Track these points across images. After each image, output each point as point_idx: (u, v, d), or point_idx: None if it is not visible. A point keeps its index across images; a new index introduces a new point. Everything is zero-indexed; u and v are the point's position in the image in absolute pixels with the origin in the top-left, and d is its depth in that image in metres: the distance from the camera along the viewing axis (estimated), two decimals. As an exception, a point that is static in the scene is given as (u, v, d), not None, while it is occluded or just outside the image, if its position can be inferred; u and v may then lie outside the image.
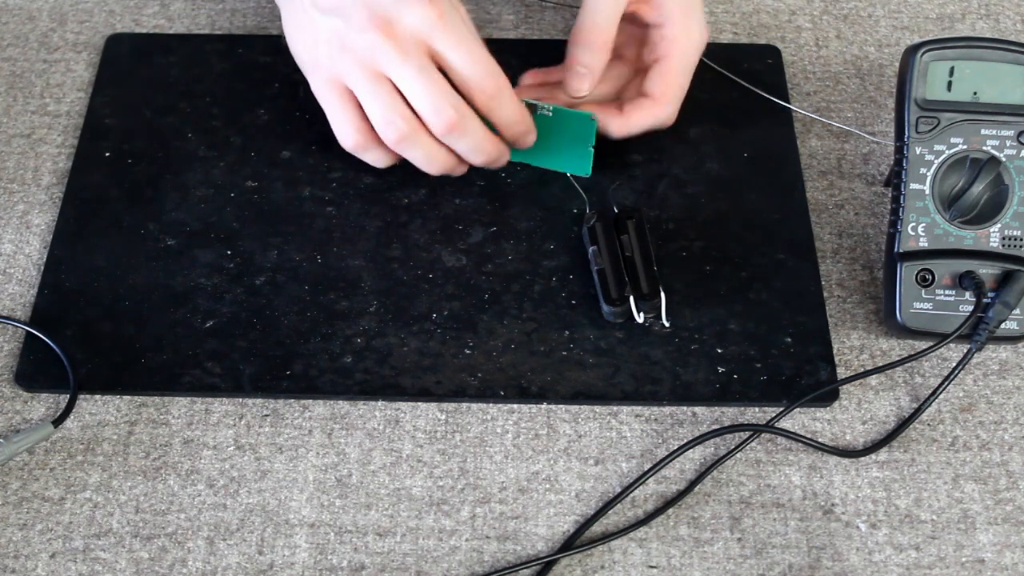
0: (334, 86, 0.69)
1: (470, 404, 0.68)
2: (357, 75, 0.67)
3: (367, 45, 0.66)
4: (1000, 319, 0.67)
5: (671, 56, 0.73)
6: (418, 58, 0.66)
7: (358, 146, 0.71)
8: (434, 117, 0.67)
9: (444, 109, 0.67)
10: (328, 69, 0.68)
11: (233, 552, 0.62)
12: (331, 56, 0.68)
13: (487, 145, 0.70)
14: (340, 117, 0.70)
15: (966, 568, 0.62)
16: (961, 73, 0.69)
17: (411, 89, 0.67)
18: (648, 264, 0.70)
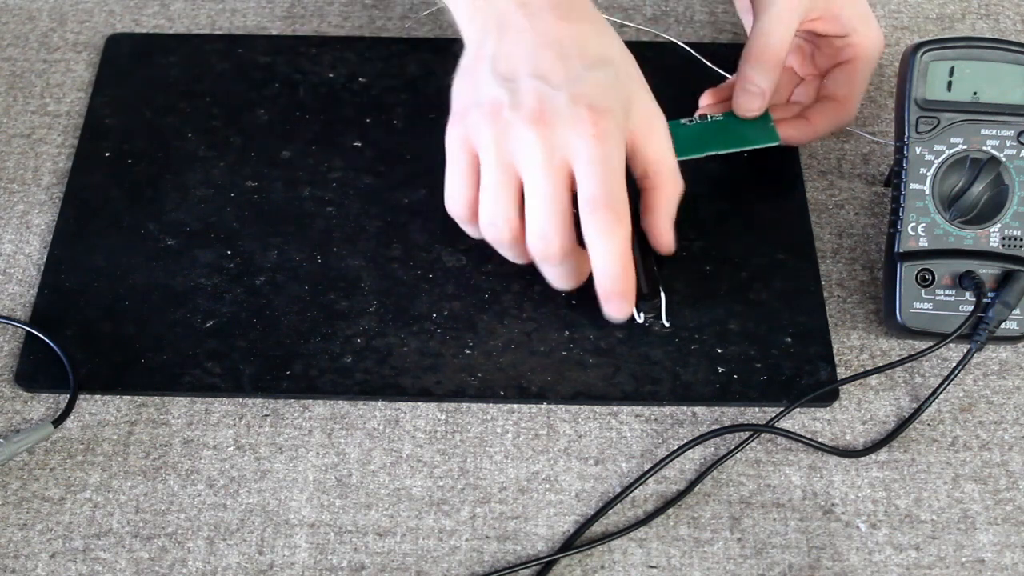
0: (466, 149, 0.65)
1: (470, 404, 0.68)
2: (492, 155, 0.64)
3: (520, 137, 0.63)
4: (1000, 319, 0.67)
5: (858, 59, 0.74)
6: (556, 174, 0.63)
7: (460, 219, 0.67)
8: (538, 240, 0.63)
9: (551, 239, 0.63)
10: (471, 121, 0.65)
11: (233, 552, 0.62)
12: (480, 116, 0.64)
13: (573, 280, 0.66)
14: (458, 182, 0.66)
15: (966, 568, 0.62)
16: (961, 73, 0.69)
17: (532, 197, 0.63)
18: (648, 264, 0.70)
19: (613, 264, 0.63)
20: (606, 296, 0.64)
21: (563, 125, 0.62)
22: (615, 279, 0.64)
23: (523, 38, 0.65)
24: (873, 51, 0.74)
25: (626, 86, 0.65)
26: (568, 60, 0.64)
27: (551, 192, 0.63)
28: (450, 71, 0.81)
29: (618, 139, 0.63)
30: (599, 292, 0.64)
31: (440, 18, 0.86)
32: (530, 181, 0.63)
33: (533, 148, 0.62)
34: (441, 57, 0.82)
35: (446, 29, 0.85)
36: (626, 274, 0.64)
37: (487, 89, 0.64)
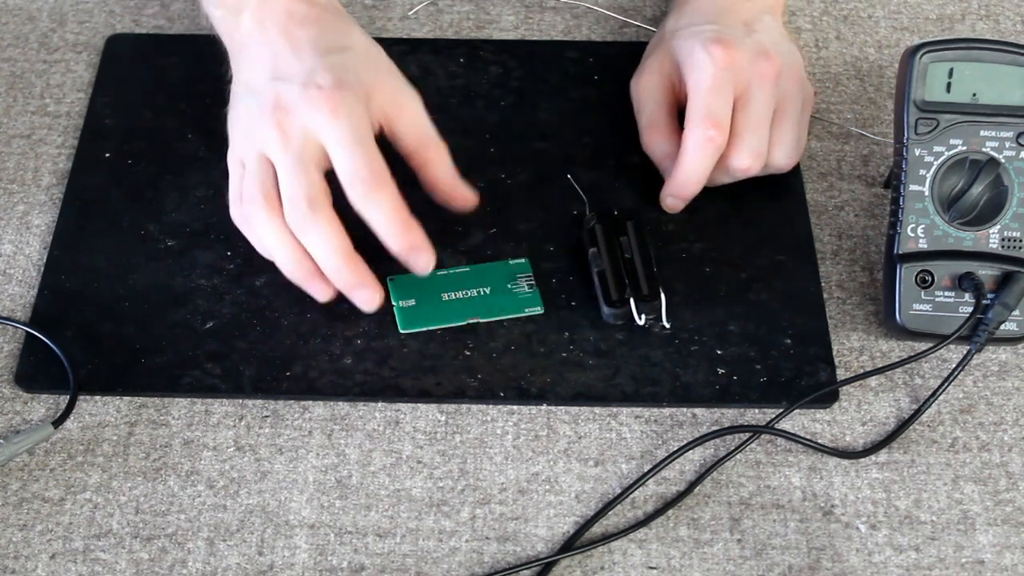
0: (238, 161, 0.69)
1: (470, 405, 0.68)
2: (251, 155, 0.68)
3: (264, 133, 0.67)
4: (1000, 320, 0.67)
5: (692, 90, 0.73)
6: (299, 151, 0.66)
7: (236, 219, 0.70)
8: (289, 206, 0.66)
9: (298, 199, 0.66)
10: (238, 145, 0.70)
11: (233, 553, 0.62)
12: (240, 134, 0.69)
13: (335, 241, 0.66)
14: (233, 189, 0.70)
15: (966, 569, 0.62)
16: (960, 74, 0.69)
17: (281, 177, 0.67)
18: (648, 265, 0.70)
19: (392, 224, 0.66)
20: (404, 255, 0.67)
21: (298, 110, 0.66)
22: (400, 236, 0.67)
23: (262, 51, 0.70)
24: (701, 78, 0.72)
25: (366, 68, 0.69)
26: (301, 55, 0.68)
27: (293, 159, 0.66)
28: (450, 71, 0.82)
29: (359, 114, 0.66)
30: (397, 256, 0.67)
31: (440, 18, 0.86)
32: (279, 164, 0.67)
33: (274, 136, 0.66)
34: (441, 57, 0.82)
35: (446, 29, 0.85)
36: (408, 227, 0.66)
37: (241, 107, 0.70)
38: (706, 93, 0.70)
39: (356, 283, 0.67)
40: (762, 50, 0.72)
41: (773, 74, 0.71)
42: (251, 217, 0.68)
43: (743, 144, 0.71)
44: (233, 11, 0.72)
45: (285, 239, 0.67)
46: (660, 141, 0.74)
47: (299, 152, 0.66)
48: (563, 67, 0.82)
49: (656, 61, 0.76)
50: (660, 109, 0.75)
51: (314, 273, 0.68)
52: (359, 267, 0.67)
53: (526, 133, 0.78)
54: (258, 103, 0.68)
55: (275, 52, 0.69)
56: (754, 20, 0.74)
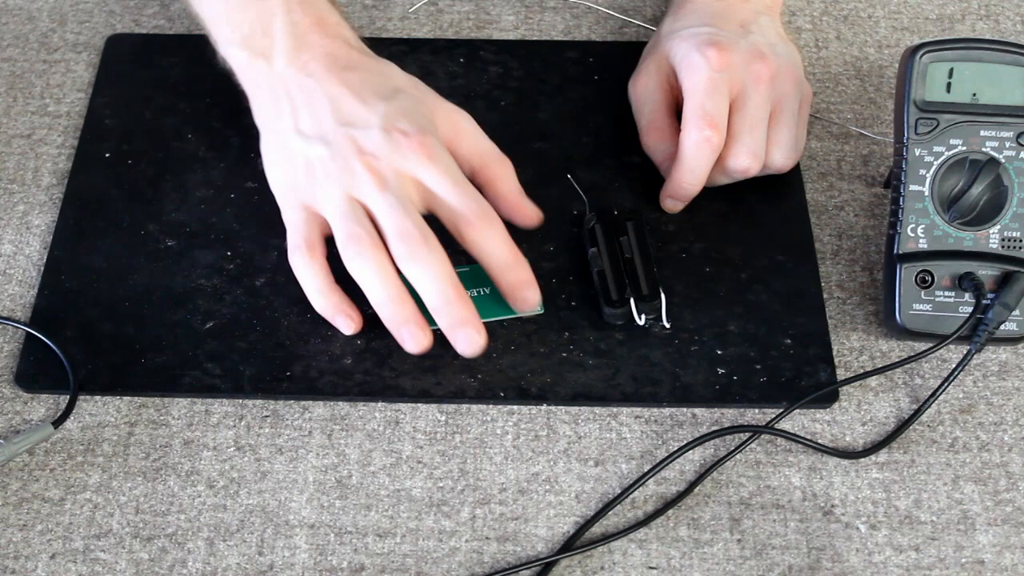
0: (303, 209, 0.68)
1: (470, 405, 0.68)
2: (333, 198, 0.66)
3: (351, 176, 0.66)
4: (999, 320, 0.67)
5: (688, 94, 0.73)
6: (397, 190, 0.65)
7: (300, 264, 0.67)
8: (399, 241, 0.64)
9: (411, 234, 0.64)
10: (303, 192, 0.67)
11: (233, 553, 0.62)
12: (309, 179, 0.67)
13: (444, 279, 0.65)
14: (297, 234, 0.67)
15: (966, 569, 0.62)
16: (960, 74, 0.69)
17: (383, 214, 0.65)
18: (648, 265, 0.70)
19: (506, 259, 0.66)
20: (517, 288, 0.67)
21: (389, 157, 0.66)
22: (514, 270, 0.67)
23: (315, 97, 0.68)
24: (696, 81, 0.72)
25: (424, 103, 0.69)
26: (364, 98, 0.68)
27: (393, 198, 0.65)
28: (450, 71, 0.82)
29: (444, 151, 0.67)
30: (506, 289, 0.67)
31: (440, 18, 0.86)
32: (377, 204, 0.65)
33: (367, 178, 0.65)
34: (441, 57, 0.82)
35: (446, 30, 0.85)
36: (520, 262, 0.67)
37: (303, 154, 0.67)
38: (702, 95, 0.71)
39: (464, 319, 0.66)
40: (757, 52, 0.72)
41: (768, 75, 0.71)
42: (358, 256, 0.65)
43: (740, 145, 0.71)
44: (262, 55, 0.70)
45: (392, 278, 0.65)
46: (659, 142, 0.74)
47: (399, 192, 0.65)
48: (563, 67, 0.82)
49: (653, 63, 0.76)
50: (658, 110, 0.75)
51: (415, 317, 0.66)
52: (468, 303, 0.66)
53: (526, 133, 0.78)
54: (332, 149, 0.66)
55: (333, 98, 0.68)
56: (750, 22, 0.75)
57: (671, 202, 0.73)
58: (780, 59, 0.73)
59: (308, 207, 0.67)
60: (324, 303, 0.68)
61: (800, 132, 0.74)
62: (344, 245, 0.65)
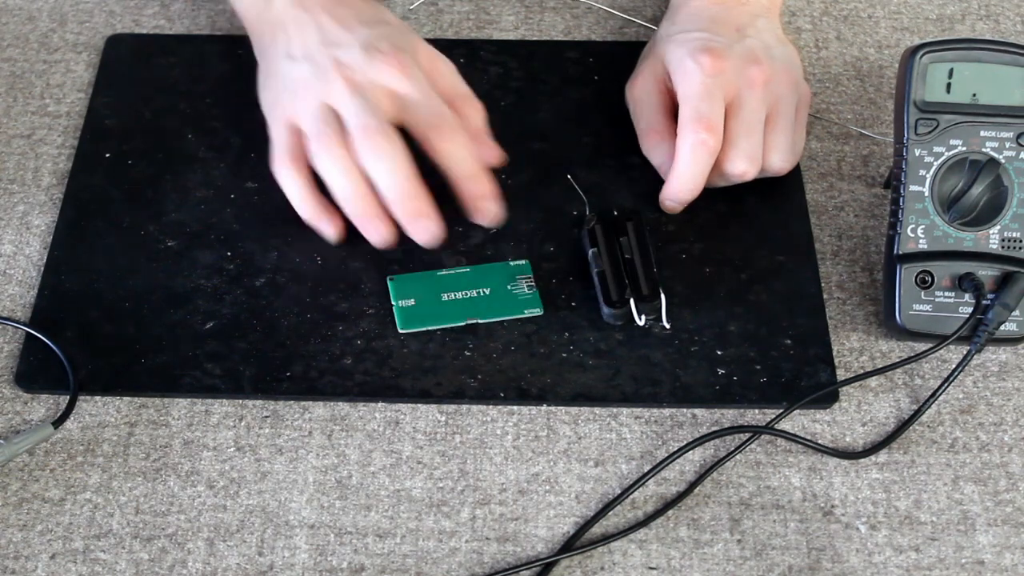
0: (287, 122, 0.71)
1: (470, 406, 0.68)
2: (310, 108, 0.70)
3: (328, 87, 0.70)
4: (999, 321, 0.67)
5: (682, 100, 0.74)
6: (369, 98, 0.69)
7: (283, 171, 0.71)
8: (360, 135, 0.68)
9: (371, 128, 0.68)
10: (286, 107, 0.71)
11: (233, 553, 0.62)
12: (293, 96, 0.71)
13: (401, 171, 0.68)
14: (279, 144, 0.71)
15: (966, 569, 0.62)
16: (960, 75, 0.69)
17: (350, 114, 0.69)
18: (648, 266, 0.70)
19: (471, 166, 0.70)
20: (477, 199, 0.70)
21: (365, 70, 0.70)
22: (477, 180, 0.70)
23: (305, 27, 0.73)
24: (690, 86, 0.72)
25: (406, 36, 0.73)
26: (349, 26, 0.72)
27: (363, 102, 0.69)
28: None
29: (419, 71, 0.70)
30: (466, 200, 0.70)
31: (440, 18, 0.86)
32: (347, 108, 0.69)
33: (342, 88, 0.69)
34: (441, 58, 0.82)
35: (446, 30, 0.85)
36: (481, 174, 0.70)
37: (289, 74, 0.72)
38: (696, 99, 0.71)
39: (421, 212, 0.69)
40: (752, 56, 0.72)
41: (763, 79, 0.71)
42: (323, 151, 0.69)
43: (737, 149, 0.71)
44: None
45: (353, 173, 0.69)
46: (658, 145, 0.74)
47: (369, 99, 0.69)
48: (563, 67, 0.82)
49: (648, 67, 0.76)
50: (656, 113, 0.75)
51: (376, 210, 0.69)
52: (425, 196, 0.69)
53: (526, 133, 0.78)
54: (314, 66, 0.71)
55: (321, 25, 0.72)
56: (747, 25, 0.75)
57: (671, 203, 0.73)
58: (775, 63, 0.73)
59: (290, 121, 0.71)
60: (307, 209, 0.71)
61: (798, 134, 0.74)
62: (312, 144, 0.69)
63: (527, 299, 0.70)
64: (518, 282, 0.71)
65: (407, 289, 0.70)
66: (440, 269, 0.71)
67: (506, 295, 0.70)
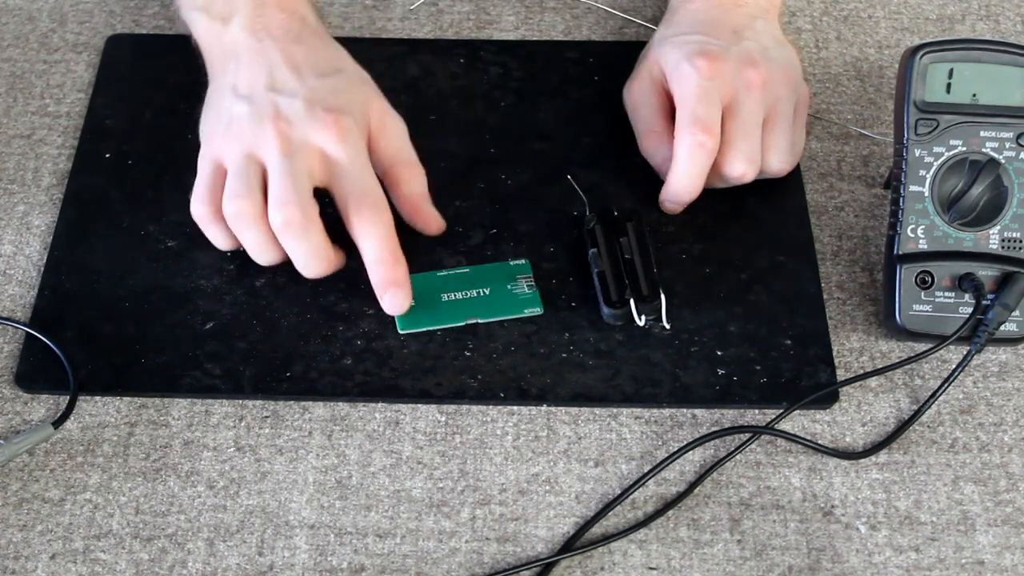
0: (213, 159, 0.69)
1: (470, 406, 0.68)
2: (236, 154, 0.68)
3: (260, 135, 0.68)
4: (999, 321, 0.67)
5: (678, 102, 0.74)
6: (296, 159, 0.67)
7: (201, 216, 0.69)
8: (278, 208, 0.66)
9: (290, 204, 0.66)
10: (217, 144, 0.69)
11: (233, 553, 0.62)
12: (226, 134, 0.69)
13: (320, 259, 0.68)
14: (201, 185, 0.69)
15: (966, 570, 0.62)
16: (960, 75, 0.69)
17: (273, 177, 0.67)
18: (648, 266, 0.70)
19: (383, 251, 0.67)
20: (382, 286, 0.67)
21: (302, 126, 0.68)
22: (387, 266, 0.67)
23: (257, 61, 0.70)
24: (687, 89, 0.72)
25: (359, 90, 0.71)
26: (300, 73, 0.70)
27: (288, 165, 0.66)
28: (450, 72, 0.82)
29: (358, 137, 0.68)
30: (376, 286, 0.68)
31: (440, 18, 0.86)
32: (272, 166, 0.67)
33: (273, 141, 0.67)
34: (441, 58, 0.82)
35: (446, 30, 0.85)
36: (396, 260, 0.67)
37: (229, 109, 0.69)
38: (693, 101, 0.71)
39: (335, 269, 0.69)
40: (749, 58, 0.72)
41: (760, 82, 0.71)
42: (239, 216, 0.67)
43: (735, 152, 0.71)
44: (221, 19, 0.72)
45: (269, 242, 0.68)
46: (656, 147, 0.74)
47: (296, 160, 0.67)
48: (563, 67, 0.82)
49: (646, 69, 0.76)
50: (654, 115, 0.75)
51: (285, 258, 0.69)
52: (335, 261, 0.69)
53: (526, 133, 0.78)
54: (253, 109, 0.69)
55: (272, 65, 0.70)
56: (744, 27, 0.75)
57: (670, 204, 0.73)
58: (773, 64, 0.73)
59: (216, 160, 0.69)
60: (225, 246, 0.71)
61: (797, 136, 0.74)
62: (226, 204, 0.68)
63: (527, 299, 0.70)
64: (518, 282, 0.71)
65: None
66: (440, 269, 0.71)
67: (506, 295, 0.70)
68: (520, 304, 0.70)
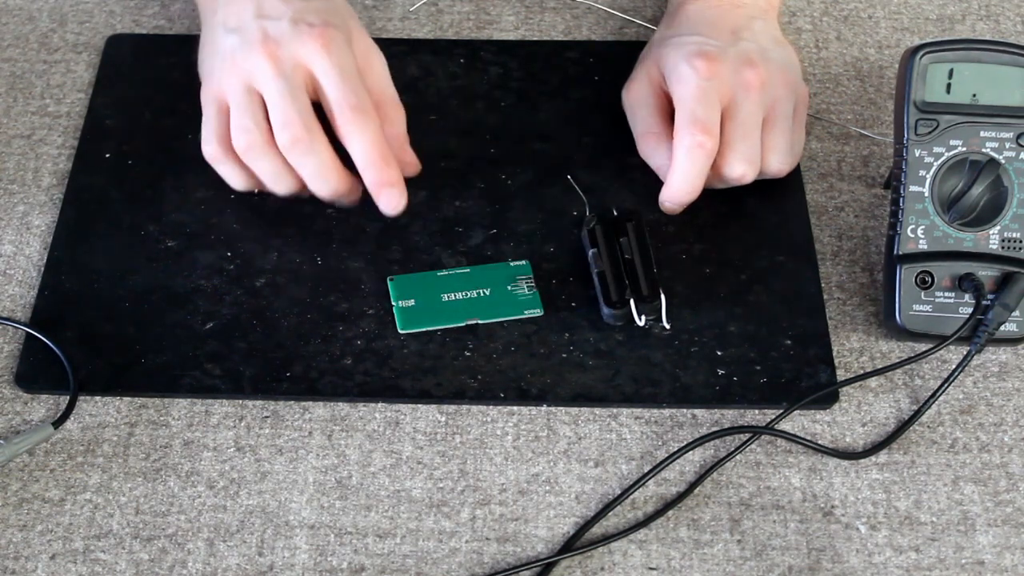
0: (215, 98, 0.71)
1: (470, 406, 0.68)
2: (235, 88, 0.70)
3: (252, 63, 0.69)
4: (999, 321, 0.67)
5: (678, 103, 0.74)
6: (290, 78, 0.69)
7: (213, 156, 0.71)
8: (282, 129, 0.68)
9: (293, 123, 0.68)
10: (215, 81, 0.71)
11: (233, 553, 0.62)
12: (221, 69, 0.70)
13: (331, 173, 0.69)
14: (208, 126, 0.71)
15: (966, 570, 0.62)
16: (960, 75, 0.69)
17: (271, 101, 0.69)
18: (648, 266, 0.70)
19: (372, 153, 0.68)
20: (376, 188, 0.69)
21: (289, 44, 0.69)
22: (378, 167, 0.69)
23: None
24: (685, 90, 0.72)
25: (344, 18, 0.72)
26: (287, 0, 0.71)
27: (284, 87, 0.68)
28: (450, 72, 0.82)
29: (346, 50, 0.70)
30: (370, 188, 0.69)
31: (440, 18, 0.86)
32: (266, 89, 0.69)
33: (265, 65, 0.69)
34: (441, 58, 0.82)
35: (446, 30, 0.85)
36: (387, 161, 0.69)
37: (223, 43, 0.71)
38: (692, 102, 0.71)
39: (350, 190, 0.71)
40: (747, 59, 0.72)
41: (758, 83, 0.71)
42: (250, 148, 0.69)
43: (735, 153, 0.71)
44: None
45: (282, 167, 0.70)
46: (655, 148, 0.74)
47: (291, 79, 0.69)
48: (563, 67, 0.82)
49: (644, 71, 0.76)
50: (653, 116, 0.75)
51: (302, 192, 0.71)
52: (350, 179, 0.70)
53: (526, 134, 0.78)
54: (243, 38, 0.70)
55: None
56: (743, 28, 0.75)
57: (669, 205, 0.73)
58: (771, 64, 0.73)
59: (218, 98, 0.71)
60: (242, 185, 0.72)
61: (797, 136, 0.74)
62: (235, 139, 0.69)
63: (527, 300, 0.70)
64: (518, 283, 0.71)
65: (407, 289, 0.70)
66: (440, 269, 0.71)
67: (506, 296, 0.70)
68: (520, 305, 0.70)
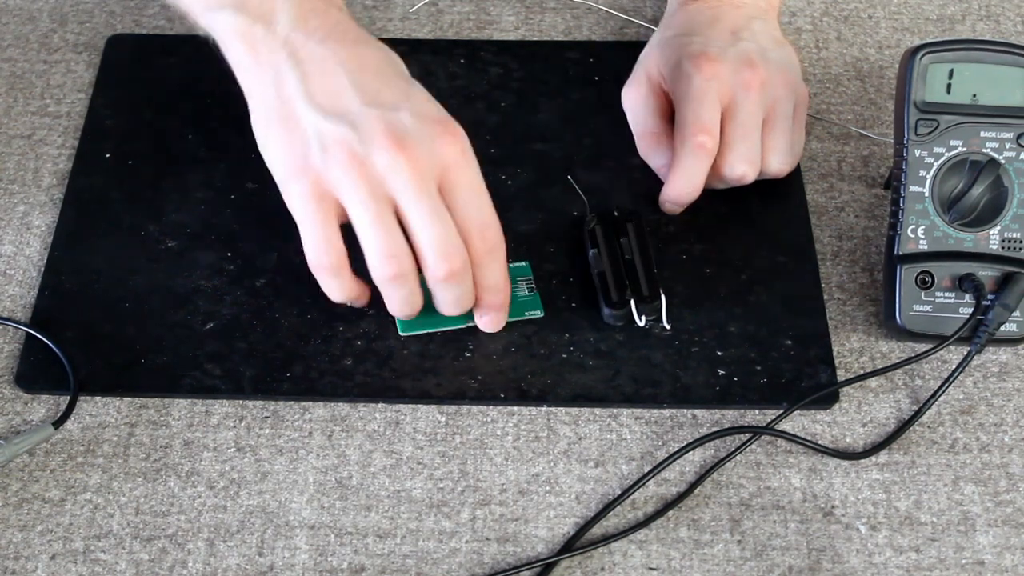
0: (322, 199, 0.63)
1: (470, 406, 0.68)
2: (360, 194, 0.61)
3: (383, 164, 0.61)
4: (1000, 321, 0.67)
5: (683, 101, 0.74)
6: (435, 195, 0.62)
7: (333, 269, 0.64)
8: (439, 262, 0.62)
9: (453, 256, 0.63)
10: (319, 178, 0.62)
11: (233, 554, 0.62)
12: (327, 165, 0.62)
13: (465, 303, 0.66)
14: (320, 234, 0.63)
15: (966, 570, 0.62)
16: (960, 75, 0.69)
17: (422, 226, 0.62)
18: (648, 266, 0.70)
19: (502, 282, 0.66)
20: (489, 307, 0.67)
21: (423, 144, 0.62)
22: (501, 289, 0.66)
23: (329, 68, 0.63)
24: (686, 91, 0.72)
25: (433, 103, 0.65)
26: (388, 80, 0.64)
27: (432, 208, 0.62)
28: (450, 72, 0.82)
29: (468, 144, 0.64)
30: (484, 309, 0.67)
31: (440, 18, 0.86)
32: (409, 206, 0.62)
33: (403, 172, 0.61)
34: (441, 58, 0.82)
35: (446, 30, 0.85)
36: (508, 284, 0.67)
37: (321, 129, 0.62)
38: (693, 103, 0.71)
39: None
40: (747, 59, 0.72)
41: (758, 83, 0.71)
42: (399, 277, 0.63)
43: (735, 153, 0.71)
44: (260, 18, 0.64)
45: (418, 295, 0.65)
46: (656, 149, 0.75)
47: (437, 199, 0.62)
48: (563, 68, 0.82)
49: (644, 71, 0.76)
50: (652, 117, 0.75)
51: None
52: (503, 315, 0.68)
53: (526, 134, 0.78)
54: (355, 130, 0.61)
55: (352, 71, 0.63)
56: (742, 28, 0.75)
57: (670, 205, 0.73)
58: (771, 65, 0.73)
59: (322, 193, 0.62)
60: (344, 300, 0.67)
61: (797, 136, 0.74)
62: (379, 266, 0.63)
63: (527, 301, 0.70)
64: (518, 284, 0.71)
65: None
66: None
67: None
68: (520, 307, 0.70)
